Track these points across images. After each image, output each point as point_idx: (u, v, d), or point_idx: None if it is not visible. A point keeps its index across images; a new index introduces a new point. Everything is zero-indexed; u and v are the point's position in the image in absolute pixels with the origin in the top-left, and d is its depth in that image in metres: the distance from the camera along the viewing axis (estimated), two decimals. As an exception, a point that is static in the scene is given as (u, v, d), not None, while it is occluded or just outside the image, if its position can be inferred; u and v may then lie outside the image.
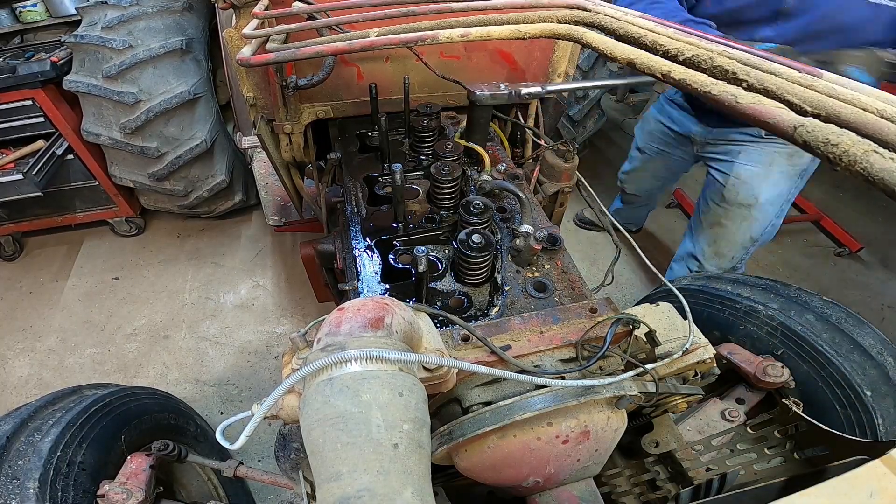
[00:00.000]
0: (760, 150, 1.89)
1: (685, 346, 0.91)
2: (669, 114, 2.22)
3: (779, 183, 1.92)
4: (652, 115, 2.38)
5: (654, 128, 2.35)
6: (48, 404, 1.22)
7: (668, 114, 2.23)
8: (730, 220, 2.05)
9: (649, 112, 2.43)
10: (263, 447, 2.15)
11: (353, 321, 0.67)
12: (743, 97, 0.55)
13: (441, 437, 0.81)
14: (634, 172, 2.62)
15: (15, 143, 2.68)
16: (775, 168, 1.89)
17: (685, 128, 2.13)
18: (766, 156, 1.89)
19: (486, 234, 1.11)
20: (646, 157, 2.48)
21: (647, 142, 2.42)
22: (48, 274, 3.04)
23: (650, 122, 2.39)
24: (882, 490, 0.48)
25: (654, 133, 2.35)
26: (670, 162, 2.38)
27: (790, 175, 1.91)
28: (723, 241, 2.12)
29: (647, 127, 2.41)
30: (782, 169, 1.89)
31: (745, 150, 1.93)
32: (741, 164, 1.95)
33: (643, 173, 2.58)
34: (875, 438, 1.03)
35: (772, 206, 1.97)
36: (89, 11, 2.46)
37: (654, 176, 2.56)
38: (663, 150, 2.35)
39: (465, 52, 1.59)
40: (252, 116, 1.47)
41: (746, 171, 1.94)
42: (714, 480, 1.03)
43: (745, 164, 1.94)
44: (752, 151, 1.91)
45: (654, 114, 2.37)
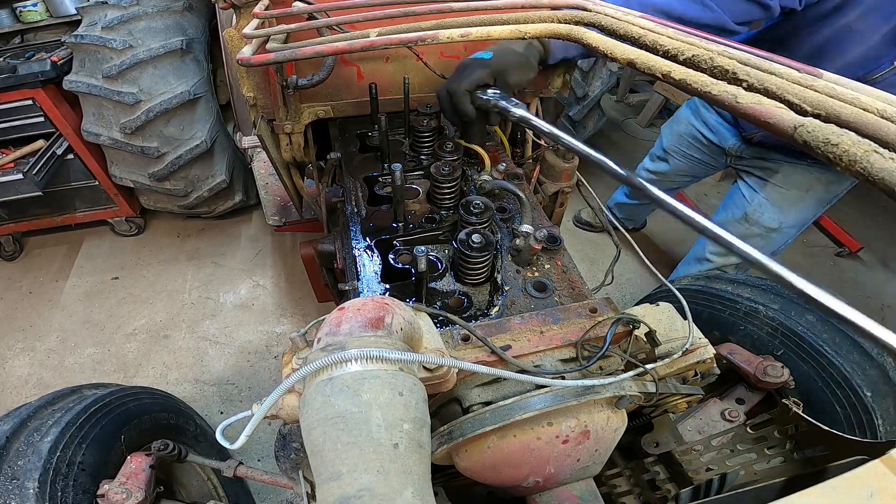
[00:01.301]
0: (800, 174, 1.76)
1: (685, 346, 0.91)
2: (706, 119, 2.06)
3: (808, 209, 1.83)
4: (685, 117, 2.21)
5: (685, 131, 2.18)
6: (48, 404, 1.21)
7: (705, 119, 2.07)
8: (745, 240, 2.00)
9: (682, 112, 2.26)
10: (263, 447, 2.15)
11: (353, 321, 0.67)
12: (743, 97, 0.55)
13: (441, 437, 0.81)
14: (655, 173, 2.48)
15: (15, 143, 2.68)
16: (811, 194, 1.78)
17: (721, 138, 1.99)
18: (804, 181, 1.77)
19: (486, 233, 1.11)
20: (671, 158, 2.33)
21: (676, 144, 2.26)
22: (48, 274, 3.04)
23: (682, 124, 2.22)
24: (882, 490, 0.48)
25: (684, 137, 2.20)
26: (696, 167, 2.25)
27: (822, 202, 1.81)
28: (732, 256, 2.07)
29: (678, 129, 2.25)
30: (817, 195, 1.78)
31: (783, 172, 1.80)
32: (775, 185, 1.83)
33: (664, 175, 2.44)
34: (875, 438, 1.03)
35: (793, 229, 1.89)
36: (89, 11, 2.46)
37: (672, 178, 2.42)
38: (691, 156, 2.21)
39: (466, 52, 1.59)
40: (252, 116, 1.47)
41: (778, 194, 1.82)
42: (714, 480, 1.03)
43: (778, 186, 1.82)
44: (792, 174, 1.78)
45: (687, 115, 2.20)
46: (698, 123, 2.11)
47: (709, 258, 2.18)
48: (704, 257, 2.21)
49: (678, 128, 2.26)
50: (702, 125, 2.09)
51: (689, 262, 2.35)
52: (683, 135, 2.21)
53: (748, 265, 2.07)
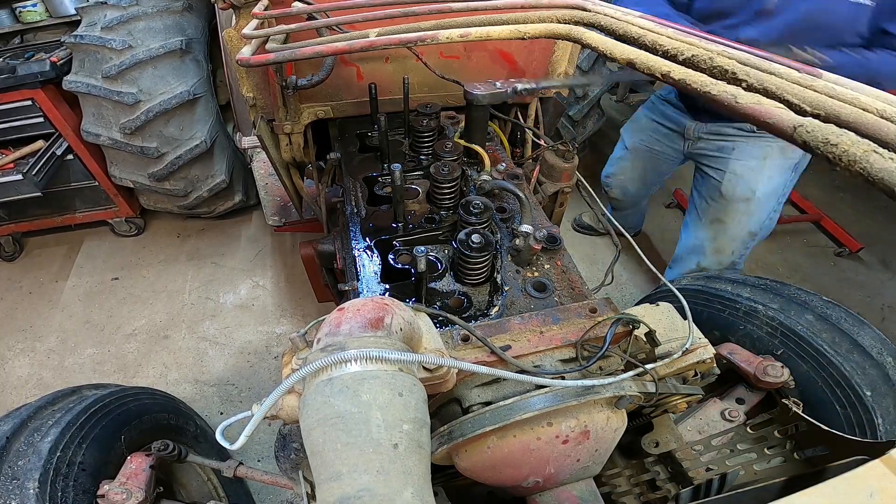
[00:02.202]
0: (754, 144, 1.92)
1: (685, 346, 0.91)
2: (662, 111, 2.23)
3: (774, 177, 1.95)
4: (644, 114, 2.39)
5: (645, 125, 2.36)
6: (48, 404, 1.21)
7: (661, 112, 2.24)
8: (729, 216, 2.06)
9: (640, 112, 2.44)
10: (263, 447, 2.15)
11: (352, 321, 0.67)
12: (743, 97, 0.55)
13: (441, 437, 0.81)
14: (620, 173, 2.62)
15: (15, 144, 2.68)
16: (769, 162, 1.92)
17: (678, 123, 2.15)
18: (759, 150, 1.92)
19: (485, 233, 1.11)
20: (633, 155, 2.48)
21: (638, 139, 2.42)
22: (48, 274, 3.04)
23: (641, 121, 2.40)
24: (882, 490, 0.48)
25: (645, 130, 2.36)
26: (658, 160, 2.39)
27: (784, 168, 1.94)
28: (723, 237, 2.13)
29: (638, 125, 2.42)
30: (776, 162, 1.92)
31: (738, 146, 1.95)
32: (735, 159, 1.97)
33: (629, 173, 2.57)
34: (875, 438, 1.03)
35: (769, 199, 2.00)
36: (89, 11, 2.46)
37: (640, 177, 2.56)
38: (652, 148, 2.36)
39: (465, 52, 1.59)
40: (252, 116, 1.47)
41: (742, 167, 1.96)
42: (714, 480, 1.03)
43: (739, 160, 1.96)
44: (746, 147, 1.94)
45: (645, 112, 2.38)
46: (657, 116, 2.27)
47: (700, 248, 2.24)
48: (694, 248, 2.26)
49: (638, 125, 2.43)
50: (661, 117, 2.25)
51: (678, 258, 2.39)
52: (644, 129, 2.37)
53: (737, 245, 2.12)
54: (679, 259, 2.39)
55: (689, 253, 2.30)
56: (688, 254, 2.31)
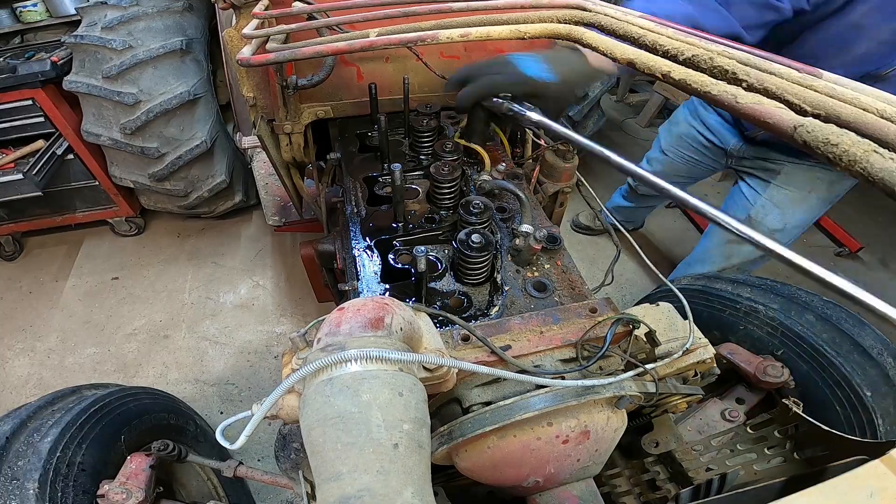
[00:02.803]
0: (803, 174, 1.75)
1: (685, 346, 0.91)
2: (705, 119, 2.03)
3: (811, 209, 1.82)
4: (683, 118, 2.17)
5: (684, 132, 2.15)
6: (48, 404, 1.21)
7: (704, 119, 2.04)
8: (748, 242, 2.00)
9: (679, 113, 2.22)
10: (263, 447, 2.15)
11: (352, 321, 0.67)
12: (743, 97, 0.55)
13: (441, 437, 0.81)
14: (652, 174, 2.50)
15: (15, 143, 2.68)
16: (814, 195, 1.77)
17: (722, 139, 1.97)
18: (807, 182, 1.75)
19: (485, 233, 1.11)
20: (669, 160, 2.30)
21: (675, 146, 2.22)
22: (48, 274, 3.04)
23: (680, 125, 2.18)
24: (882, 490, 0.48)
25: (683, 138, 2.16)
26: (694, 169, 2.23)
27: (825, 202, 1.81)
28: (737, 258, 2.04)
29: (677, 129, 2.21)
30: (820, 195, 1.77)
31: (785, 172, 1.79)
32: (778, 185, 1.81)
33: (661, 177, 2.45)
34: (875, 438, 1.03)
35: (797, 229, 1.88)
36: (89, 11, 2.46)
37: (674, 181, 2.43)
38: (690, 157, 2.17)
39: (465, 52, 1.59)
40: (252, 116, 1.47)
41: (781, 195, 1.81)
42: (714, 480, 1.03)
43: (781, 187, 1.80)
44: (793, 175, 1.77)
45: (685, 116, 2.16)
46: (697, 124, 2.09)
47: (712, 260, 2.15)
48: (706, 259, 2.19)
49: (676, 129, 2.23)
50: (701, 126, 2.07)
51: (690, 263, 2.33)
52: (682, 136, 2.18)
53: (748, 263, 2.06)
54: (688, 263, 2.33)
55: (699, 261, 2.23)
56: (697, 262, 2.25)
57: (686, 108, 2.20)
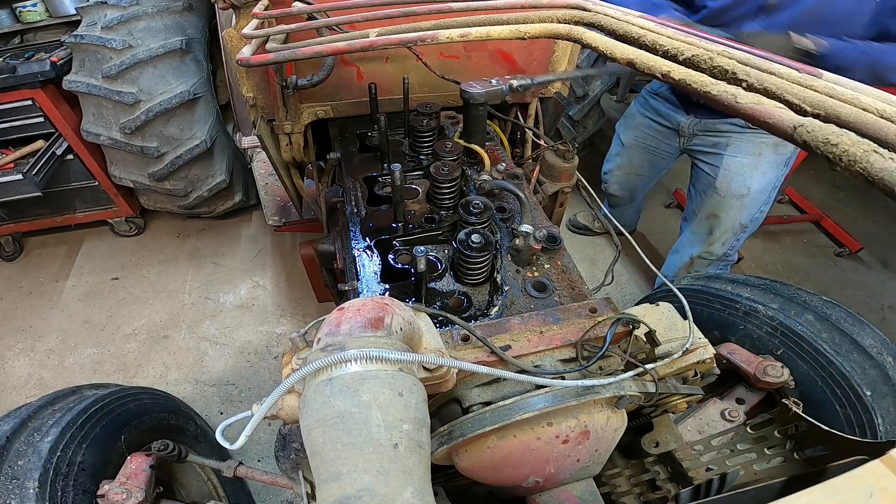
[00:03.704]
0: (748, 140, 1.93)
1: (685, 346, 0.91)
2: (655, 108, 2.22)
3: (767, 172, 1.97)
4: (636, 110, 2.37)
5: (639, 122, 2.33)
6: (48, 404, 1.21)
7: (654, 107, 2.23)
8: (724, 211, 2.09)
9: (632, 107, 2.42)
10: (263, 447, 2.15)
11: (352, 321, 0.67)
12: (743, 97, 0.55)
13: (441, 437, 0.81)
14: (618, 169, 2.62)
15: (15, 143, 2.68)
16: (763, 158, 1.93)
17: (673, 120, 2.14)
18: (753, 146, 1.93)
19: (485, 233, 1.11)
20: (630, 152, 2.47)
21: (633, 136, 2.41)
22: (48, 274, 3.04)
23: (635, 117, 2.37)
24: (882, 490, 0.48)
25: (639, 127, 2.34)
26: (654, 157, 2.38)
27: (777, 163, 1.96)
28: (717, 230, 2.17)
29: (632, 122, 2.40)
30: (770, 158, 1.94)
31: (733, 142, 1.96)
32: (730, 155, 1.98)
33: (627, 169, 2.58)
34: (875, 438, 1.03)
35: (762, 194, 2.02)
36: (89, 11, 2.46)
37: (637, 173, 2.55)
38: (648, 145, 2.35)
39: (465, 52, 1.59)
40: (252, 116, 1.48)
41: (736, 163, 1.98)
42: (714, 480, 1.03)
43: (734, 156, 1.97)
44: (741, 143, 1.95)
45: (637, 108, 2.36)
46: (649, 112, 2.26)
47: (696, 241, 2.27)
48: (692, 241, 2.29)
49: (632, 122, 2.41)
50: (652, 113, 2.24)
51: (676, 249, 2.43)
52: (638, 126, 2.35)
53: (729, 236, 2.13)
54: (675, 251, 2.44)
55: (685, 245, 2.35)
56: (683, 246, 2.36)
57: (636, 103, 2.39)
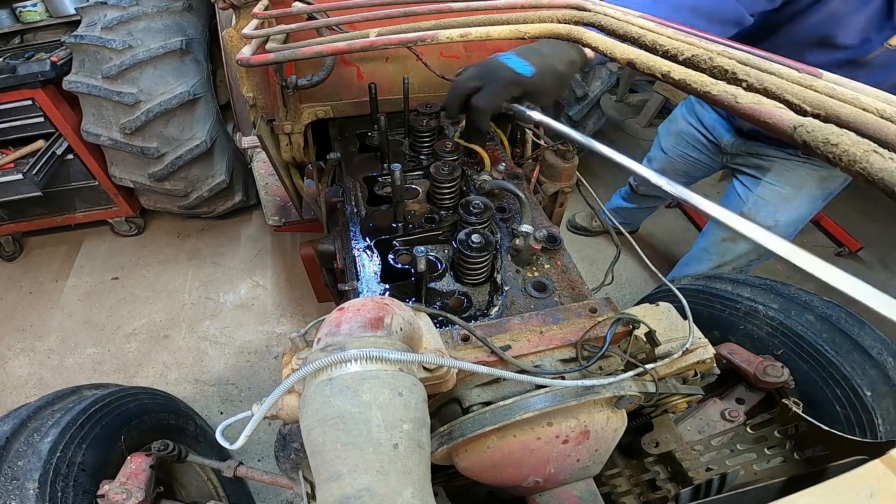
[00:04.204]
0: (793, 170, 1.78)
1: (685, 346, 0.91)
2: (701, 116, 2.09)
3: (803, 206, 1.84)
4: (681, 115, 2.23)
5: (682, 129, 2.20)
6: (48, 404, 1.21)
7: (700, 116, 2.10)
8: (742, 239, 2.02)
9: (677, 111, 2.29)
10: (263, 447, 2.15)
11: (352, 321, 0.67)
12: (743, 97, 0.55)
13: (441, 437, 0.81)
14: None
15: (15, 143, 2.67)
16: (804, 191, 1.80)
17: (717, 134, 2.01)
18: (797, 178, 1.78)
19: (485, 233, 1.11)
20: (668, 159, 2.34)
21: (674, 144, 2.28)
22: (48, 274, 3.04)
23: (678, 123, 2.24)
24: (882, 490, 0.48)
25: (682, 135, 2.21)
26: (693, 168, 2.27)
27: (816, 199, 1.83)
28: (729, 256, 2.08)
29: (675, 127, 2.26)
30: (811, 192, 1.80)
31: (776, 169, 1.82)
32: (769, 183, 1.85)
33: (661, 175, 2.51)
34: (875, 438, 1.03)
35: (789, 227, 1.90)
36: (89, 11, 2.46)
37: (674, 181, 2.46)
38: (689, 155, 2.22)
39: (465, 52, 1.59)
40: (252, 116, 1.47)
41: (772, 192, 1.85)
42: (714, 480, 1.03)
43: (772, 184, 1.84)
44: (784, 171, 1.80)
45: (683, 113, 2.22)
46: (694, 121, 2.14)
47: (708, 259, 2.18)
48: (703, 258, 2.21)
49: (675, 127, 2.28)
50: (697, 123, 2.12)
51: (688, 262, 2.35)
52: (680, 133, 2.23)
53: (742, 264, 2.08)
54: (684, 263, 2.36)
55: (693, 261, 2.26)
56: (692, 262, 2.28)
57: (684, 107, 2.25)
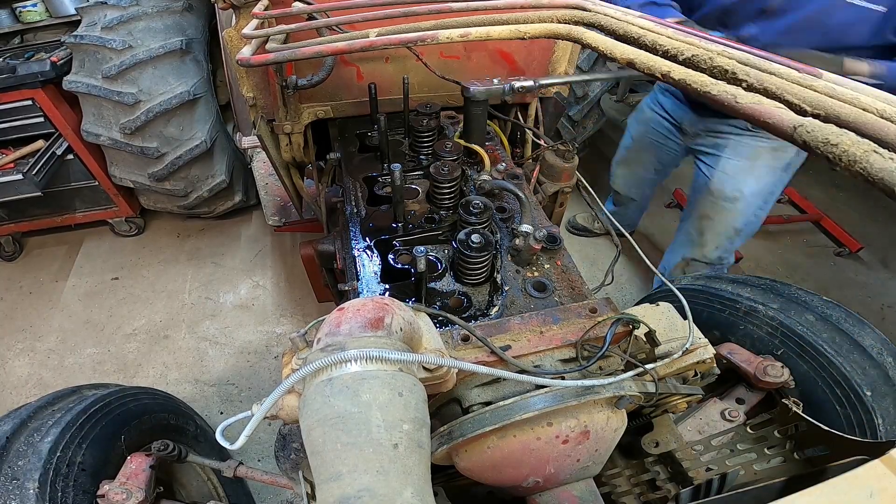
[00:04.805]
0: (746, 144, 1.93)
1: (685, 346, 0.91)
2: (663, 103, 2.25)
3: (763, 177, 1.96)
4: (646, 104, 2.40)
5: (648, 116, 2.36)
6: (48, 404, 1.21)
7: (662, 103, 2.25)
8: (716, 213, 2.10)
9: (643, 102, 2.45)
10: (263, 447, 2.15)
11: (352, 321, 0.67)
12: (743, 97, 0.55)
13: (441, 437, 0.81)
14: (625, 164, 2.63)
15: (15, 143, 2.68)
16: (760, 162, 1.93)
17: (678, 117, 2.16)
18: (750, 150, 1.92)
19: (485, 233, 1.11)
20: (638, 146, 2.50)
21: (642, 132, 2.44)
22: (48, 274, 3.04)
23: (645, 112, 2.41)
24: (882, 490, 0.48)
25: (648, 122, 2.37)
26: (660, 153, 2.41)
27: (774, 168, 1.95)
28: (708, 233, 2.17)
29: (642, 116, 2.43)
30: (767, 163, 1.93)
31: (731, 145, 1.97)
32: (727, 158, 1.99)
33: (634, 166, 2.60)
34: (875, 438, 1.03)
35: (756, 198, 2.01)
36: (89, 11, 2.46)
37: (644, 170, 2.57)
38: (655, 141, 2.37)
39: (465, 52, 1.59)
40: (252, 116, 1.48)
41: (732, 166, 1.98)
42: (714, 480, 1.03)
43: (730, 159, 1.98)
44: (738, 146, 1.95)
45: (647, 103, 2.39)
46: (658, 108, 2.29)
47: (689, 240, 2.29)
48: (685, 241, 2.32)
49: (641, 116, 2.44)
50: (660, 109, 2.26)
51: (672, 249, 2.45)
52: (647, 120, 2.37)
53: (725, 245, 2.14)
54: (670, 251, 2.46)
55: (678, 246, 2.37)
56: (677, 246, 2.38)
57: (648, 98, 2.41)
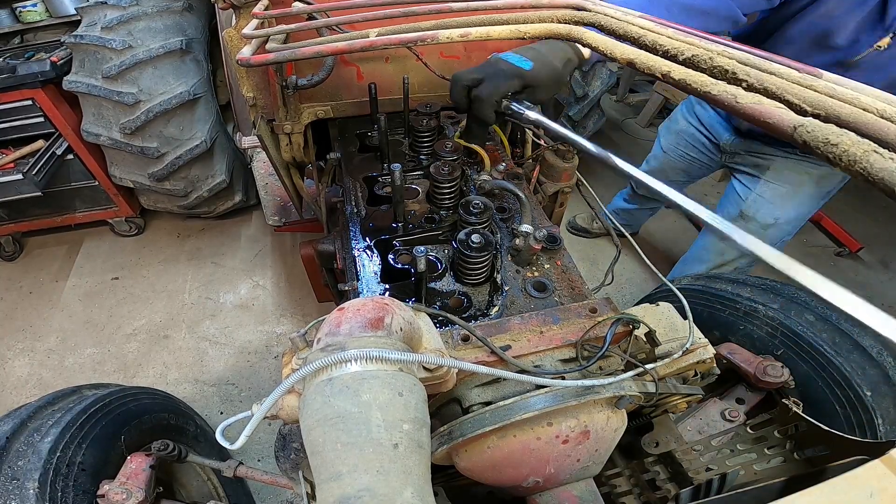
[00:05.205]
0: (791, 169, 1.79)
1: (685, 346, 0.91)
2: (700, 115, 2.10)
3: (802, 205, 1.84)
4: (681, 114, 2.25)
5: (682, 128, 2.21)
6: (48, 404, 1.21)
7: (699, 116, 2.11)
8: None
9: (678, 111, 2.30)
10: (263, 447, 2.15)
11: (352, 321, 0.67)
12: (743, 97, 0.55)
13: (441, 437, 0.81)
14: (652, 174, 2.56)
15: (15, 143, 2.67)
16: (803, 190, 1.80)
17: (716, 133, 2.02)
18: (795, 176, 1.79)
19: (485, 233, 1.11)
20: (668, 158, 2.35)
21: (673, 144, 2.29)
22: (48, 274, 3.04)
23: (678, 122, 2.25)
24: (882, 490, 0.48)
25: (681, 134, 2.22)
26: (692, 167, 2.27)
27: (815, 197, 1.83)
28: (730, 255, 2.08)
29: (675, 127, 2.27)
30: (809, 191, 1.80)
31: (774, 167, 1.83)
32: (767, 181, 1.86)
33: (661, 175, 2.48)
34: (875, 438, 1.03)
35: (789, 225, 1.91)
36: (89, 11, 2.46)
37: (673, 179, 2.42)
38: (688, 154, 2.23)
39: (465, 52, 1.59)
40: (252, 116, 1.47)
41: (771, 190, 1.85)
42: (714, 480, 1.03)
43: (770, 182, 1.85)
44: (783, 169, 1.81)
45: (683, 113, 2.24)
46: (694, 121, 2.15)
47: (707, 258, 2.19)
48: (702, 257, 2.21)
49: (675, 126, 2.29)
50: (697, 122, 2.13)
51: (686, 261, 2.35)
52: (680, 133, 2.24)
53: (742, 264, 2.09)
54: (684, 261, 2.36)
55: (693, 260, 2.26)
56: (692, 261, 2.28)
57: (684, 106, 2.26)
